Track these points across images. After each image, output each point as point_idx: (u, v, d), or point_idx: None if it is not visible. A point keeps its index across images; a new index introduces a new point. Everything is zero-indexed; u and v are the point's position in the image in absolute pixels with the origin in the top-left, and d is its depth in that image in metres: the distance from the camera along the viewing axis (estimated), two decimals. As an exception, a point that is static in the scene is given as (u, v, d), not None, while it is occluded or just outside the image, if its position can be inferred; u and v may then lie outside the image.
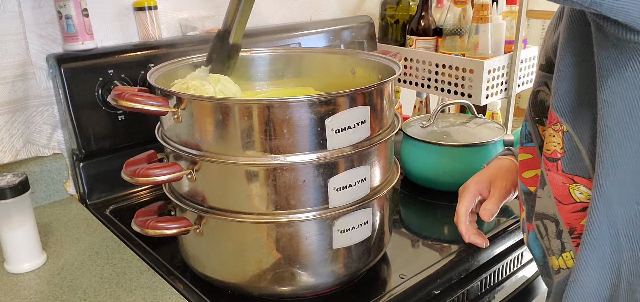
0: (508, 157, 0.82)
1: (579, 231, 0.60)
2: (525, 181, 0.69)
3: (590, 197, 0.57)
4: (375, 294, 0.75)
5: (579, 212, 0.59)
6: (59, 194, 1.06)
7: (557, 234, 0.63)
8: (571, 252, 0.62)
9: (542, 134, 0.64)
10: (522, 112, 3.84)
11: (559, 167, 0.59)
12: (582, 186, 0.58)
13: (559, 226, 0.62)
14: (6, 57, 0.97)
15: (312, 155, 0.65)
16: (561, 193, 0.60)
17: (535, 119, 0.65)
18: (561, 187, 0.60)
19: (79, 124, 1.01)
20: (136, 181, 0.67)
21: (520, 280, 0.94)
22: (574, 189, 0.59)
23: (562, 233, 0.62)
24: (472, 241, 0.79)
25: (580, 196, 0.59)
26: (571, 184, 0.59)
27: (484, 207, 0.77)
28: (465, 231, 0.79)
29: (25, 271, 0.80)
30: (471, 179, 0.81)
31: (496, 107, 1.50)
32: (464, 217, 0.79)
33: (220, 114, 0.65)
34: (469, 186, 0.80)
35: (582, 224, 0.60)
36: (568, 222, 0.61)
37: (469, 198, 0.79)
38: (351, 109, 0.66)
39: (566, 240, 0.62)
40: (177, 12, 1.19)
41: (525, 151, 0.68)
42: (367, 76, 0.87)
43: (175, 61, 0.85)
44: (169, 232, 0.72)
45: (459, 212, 0.79)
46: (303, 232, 0.69)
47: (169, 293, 0.74)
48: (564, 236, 0.62)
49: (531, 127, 0.66)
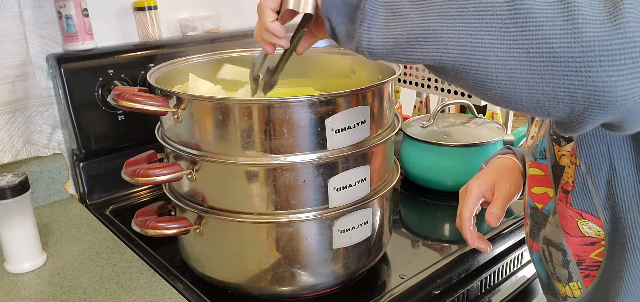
0: (508, 157, 0.80)
1: (587, 263, 0.59)
2: (533, 197, 0.67)
3: (599, 234, 0.57)
4: (375, 294, 0.75)
5: (588, 246, 0.58)
6: (59, 194, 1.05)
7: (563, 263, 0.61)
8: (579, 282, 0.61)
9: (557, 154, 0.61)
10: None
11: (568, 200, 0.58)
12: (591, 222, 0.57)
13: (567, 256, 0.61)
14: (6, 57, 0.97)
15: (312, 155, 0.65)
16: (570, 226, 0.59)
17: (553, 137, 0.62)
18: (570, 220, 0.58)
19: (79, 124, 1.01)
20: (136, 181, 0.67)
21: (520, 280, 0.94)
22: (583, 224, 0.58)
23: (570, 264, 0.60)
24: (476, 245, 0.77)
25: (589, 231, 0.57)
26: (579, 219, 0.58)
27: (490, 212, 0.73)
28: (470, 236, 0.75)
29: (25, 271, 0.80)
30: (472, 180, 0.78)
31: (496, 107, 1.50)
32: (468, 222, 0.75)
33: (220, 114, 0.65)
34: (472, 189, 0.76)
35: (591, 257, 0.59)
36: (576, 254, 0.59)
37: (473, 201, 0.75)
38: (351, 109, 0.66)
39: (573, 270, 0.61)
40: (177, 12, 1.19)
41: (538, 166, 0.66)
42: (367, 76, 0.87)
43: (175, 61, 0.85)
44: (169, 232, 0.72)
45: (463, 217, 0.75)
46: (303, 232, 0.69)
47: (169, 293, 0.74)
48: (572, 267, 0.60)
49: (547, 144, 0.63)
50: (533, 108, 0.43)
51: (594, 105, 0.40)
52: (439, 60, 0.44)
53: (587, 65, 0.38)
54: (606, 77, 0.38)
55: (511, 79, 0.41)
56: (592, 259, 0.59)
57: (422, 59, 0.45)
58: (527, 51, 0.40)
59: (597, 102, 0.39)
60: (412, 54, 0.46)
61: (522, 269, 0.95)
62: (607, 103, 0.39)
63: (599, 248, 0.58)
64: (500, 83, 0.42)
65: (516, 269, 0.93)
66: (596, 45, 0.37)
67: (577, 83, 0.39)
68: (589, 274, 0.60)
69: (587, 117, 0.41)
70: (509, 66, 0.41)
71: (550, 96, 0.41)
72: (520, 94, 0.42)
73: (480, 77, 0.43)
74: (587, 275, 0.60)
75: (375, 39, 0.48)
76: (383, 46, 0.48)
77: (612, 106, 0.39)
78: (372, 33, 0.48)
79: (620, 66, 0.37)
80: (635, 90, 0.38)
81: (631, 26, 0.37)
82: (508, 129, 1.40)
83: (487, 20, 0.41)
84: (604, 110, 0.40)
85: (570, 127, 0.43)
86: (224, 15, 1.27)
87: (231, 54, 0.93)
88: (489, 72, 0.42)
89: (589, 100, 0.39)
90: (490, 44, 0.41)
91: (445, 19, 0.43)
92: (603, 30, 0.37)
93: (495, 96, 0.44)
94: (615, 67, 0.37)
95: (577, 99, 0.40)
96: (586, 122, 0.42)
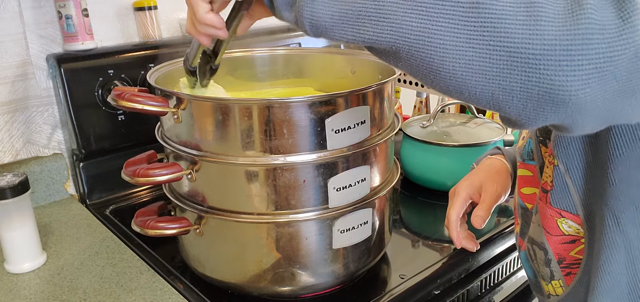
0: (497, 157, 0.80)
1: (568, 261, 0.60)
2: (523, 197, 0.67)
3: (578, 232, 0.57)
4: (375, 294, 0.75)
5: (568, 244, 0.59)
6: (59, 194, 1.06)
7: (545, 262, 0.62)
8: (560, 280, 0.61)
9: (544, 155, 0.62)
10: (522, 112, 3.81)
11: (547, 199, 0.58)
12: (570, 220, 0.57)
13: (548, 255, 0.61)
14: (6, 57, 0.97)
15: (312, 155, 0.65)
16: (550, 224, 0.59)
17: (539, 138, 0.63)
18: (549, 219, 0.59)
19: (79, 124, 1.01)
20: (136, 181, 0.67)
21: (520, 280, 0.94)
22: (562, 223, 0.58)
23: (551, 262, 0.61)
24: (463, 245, 0.78)
25: (569, 229, 0.58)
26: (559, 218, 0.58)
27: (475, 214, 0.75)
28: (456, 237, 0.77)
29: (25, 271, 0.80)
30: (461, 182, 0.79)
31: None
32: (454, 223, 0.77)
33: (220, 114, 0.65)
34: (460, 190, 0.78)
35: (571, 255, 0.59)
36: (557, 252, 0.60)
37: (460, 203, 0.77)
38: (351, 109, 0.66)
39: (555, 269, 0.61)
40: (177, 12, 1.19)
41: (526, 167, 0.66)
42: (367, 76, 0.87)
43: (175, 61, 0.85)
44: (169, 232, 0.72)
45: (450, 218, 0.77)
46: (303, 232, 0.69)
47: (169, 293, 0.74)
48: (553, 265, 0.61)
49: (534, 146, 0.64)
50: (486, 101, 0.42)
51: (548, 103, 0.39)
52: (393, 44, 0.42)
53: (545, 63, 0.38)
54: (563, 76, 0.37)
55: (468, 70, 0.40)
56: (573, 257, 0.59)
57: (374, 39, 0.43)
58: (488, 43, 0.39)
59: (551, 100, 0.39)
60: (361, 32, 0.43)
61: (522, 269, 0.95)
62: (561, 102, 0.39)
63: (578, 246, 0.58)
64: (456, 73, 0.41)
65: (516, 269, 0.93)
66: (556, 43, 0.37)
67: (534, 80, 0.38)
68: (570, 272, 0.61)
69: (539, 114, 0.41)
70: (467, 56, 0.40)
71: (505, 90, 0.40)
72: (476, 86, 0.41)
73: (435, 64, 0.41)
74: (568, 273, 0.61)
75: (320, 11, 0.44)
76: (329, 20, 0.44)
77: (565, 105, 0.39)
78: (317, 3, 0.44)
79: (577, 66, 0.37)
80: (588, 91, 0.38)
81: (591, 27, 0.36)
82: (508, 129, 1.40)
83: (449, 7, 0.40)
84: (557, 108, 0.39)
85: (518, 123, 0.43)
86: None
87: (231, 54, 0.93)
88: (445, 60, 0.41)
89: (543, 98, 0.39)
90: (449, 32, 0.40)
91: (404, 0, 0.41)
92: (564, 28, 0.37)
93: (448, 86, 0.42)
94: (572, 67, 0.37)
95: (531, 95, 0.39)
96: (536, 120, 0.41)
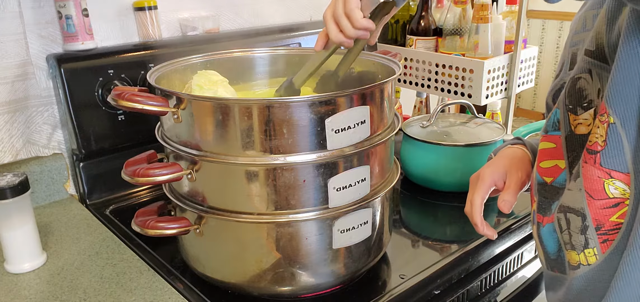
0: (518, 147, 0.80)
1: (607, 227, 0.59)
2: (541, 171, 0.67)
3: (624, 193, 0.56)
4: (375, 294, 0.75)
5: (610, 208, 0.58)
6: (59, 194, 1.06)
7: (581, 229, 0.61)
8: (595, 248, 0.61)
9: (573, 124, 0.61)
10: (522, 112, 3.86)
11: (596, 160, 0.58)
12: (618, 181, 0.57)
13: (585, 220, 0.61)
14: (6, 57, 0.97)
15: (312, 155, 0.65)
16: (594, 188, 0.59)
17: (569, 107, 0.62)
18: (596, 181, 0.58)
19: (79, 124, 1.01)
20: (136, 181, 0.67)
21: (520, 280, 0.94)
22: (609, 184, 0.58)
23: (588, 229, 0.60)
24: (485, 233, 0.77)
25: (615, 191, 0.57)
26: (607, 179, 0.58)
27: (503, 199, 0.73)
28: (480, 222, 0.74)
29: (25, 271, 0.80)
30: (485, 168, 0.77)
31: (496, 107, 1.51)
32: (479, 208, 0.74)
33: (220, 114, 0.65)
34: (485, 176, 0.76)
35: (611, 221, 0.59)
36: (596, 218, 0.59)
37: (485, 188, 0.75)
38: (351, 109, 0.66)
39: (591, 236, 0.61)
40: (177, 12, 1.19)
41: (549, 139, 0.66)
42: (367, 76, 0.87)
43: (175, 61, 0.85)
44: (169, 232, 0.72)
45: (474, 203, 0.75)
46: (303, 232, 0.69)
47: (169, 293, 0.74)
48: (589, 232, 0.60)
49: (562, 115, 0.63)
50: None
51: None
52: None
53: None
54: None
55: None
56: (612, 223, 0.59)
57: None
58: None
59: None
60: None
61: (522, 269, 0.95)
62: None
63: (622, 209, 0.58)
64: None
65: (516, 269, 0.93)
66: None
67: None
68: (607, 239, 0.60)
69: None
70: None
71: None
72: None
73: None
74: (605, 240, 0.60)
75: None
76: None
77: None
78: None
79: None
80: None
81: None
82: (508, 129, 1.40)
83: None
84: None
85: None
86: (224, 15, 1.27)
87: (231, 54, 0.93)
88: None
89: None
90: None
91: None
92: None
93: None
94: None
95: None
96: None
